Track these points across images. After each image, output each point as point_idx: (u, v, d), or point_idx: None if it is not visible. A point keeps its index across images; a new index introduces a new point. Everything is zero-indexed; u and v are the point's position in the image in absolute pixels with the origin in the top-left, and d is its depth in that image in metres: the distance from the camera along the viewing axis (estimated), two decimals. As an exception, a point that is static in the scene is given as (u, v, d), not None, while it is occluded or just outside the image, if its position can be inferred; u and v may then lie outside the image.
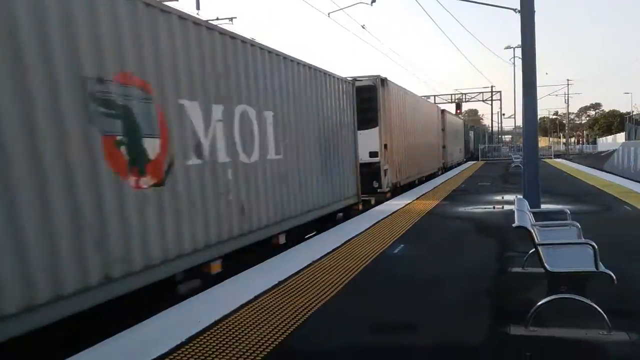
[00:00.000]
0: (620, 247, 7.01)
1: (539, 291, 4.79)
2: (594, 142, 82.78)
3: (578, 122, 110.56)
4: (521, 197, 6.74)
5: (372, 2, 14.31)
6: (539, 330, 4.18)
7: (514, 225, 4.50)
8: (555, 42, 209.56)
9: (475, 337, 4.18)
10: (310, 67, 9.75)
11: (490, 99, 53.84)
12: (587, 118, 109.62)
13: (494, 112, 64.11)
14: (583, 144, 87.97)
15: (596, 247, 4.02)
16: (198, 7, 15.88)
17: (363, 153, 13.63)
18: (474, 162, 38.73)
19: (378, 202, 13.86)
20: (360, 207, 12.67)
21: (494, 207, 11.98)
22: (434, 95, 49.95)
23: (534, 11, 9.88)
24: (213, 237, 6.43)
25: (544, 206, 10.28)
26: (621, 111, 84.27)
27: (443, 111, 29.98)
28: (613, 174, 23.59)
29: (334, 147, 11.02)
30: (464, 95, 53.04)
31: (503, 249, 7.40)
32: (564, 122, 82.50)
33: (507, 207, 11.74)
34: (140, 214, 5.23)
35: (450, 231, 9.12)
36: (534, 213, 6.05)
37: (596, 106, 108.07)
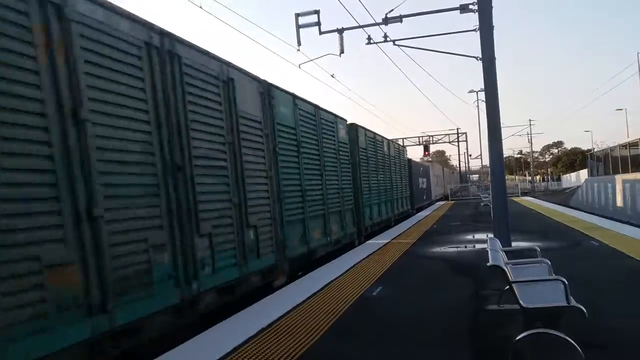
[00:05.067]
0: (590, 282, 7.30)
1: (515, 327, 4.97)
2: (559, 179, 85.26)
3: (542, 160, 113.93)
4: (493, 236, 7.00)
5: (340, 54, 14.88)
6: (519, 366, 4.35)
7: (488, 264, 4.72)
8: (516, 84, 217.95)
9: (458, 376, 4.31)
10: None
11: (456, 140, 55.38)
12: (551, 156, 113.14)
13: (460, 153, 65.87)
14: (548, 181, 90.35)
15: (566, 282, 4.25)
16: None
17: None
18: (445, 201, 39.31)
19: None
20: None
21: (465, 247, 12.28)
22: (403, 138, 51.09)
23: (495, 59, 10.41)
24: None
25: (514, 244, 10.59)
26: (582, 148, 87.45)
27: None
28: (579, 209, 24.35)
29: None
30: (431, 138, 54.46)
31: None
32: (529, 160, 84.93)
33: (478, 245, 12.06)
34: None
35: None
36: (505, 251, 6.30)
37: (558, 144, 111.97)
